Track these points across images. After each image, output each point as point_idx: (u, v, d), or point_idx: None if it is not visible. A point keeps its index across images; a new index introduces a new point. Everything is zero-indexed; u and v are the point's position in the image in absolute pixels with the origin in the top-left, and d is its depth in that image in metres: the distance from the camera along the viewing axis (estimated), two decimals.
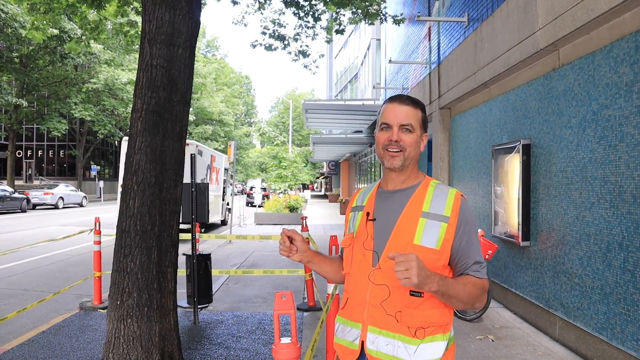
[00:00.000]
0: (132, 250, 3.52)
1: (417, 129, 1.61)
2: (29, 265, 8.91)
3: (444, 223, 1.54)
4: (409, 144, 1.59)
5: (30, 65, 28.40)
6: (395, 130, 1.59)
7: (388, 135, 1.60)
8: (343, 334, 1.67)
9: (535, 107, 5.24)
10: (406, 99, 1.63)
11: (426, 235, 1.54)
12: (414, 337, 1.52)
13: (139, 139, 3.59)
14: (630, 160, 3.68)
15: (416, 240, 1.54)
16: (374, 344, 1.55)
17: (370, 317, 1.56)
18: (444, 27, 8.62)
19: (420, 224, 1.55)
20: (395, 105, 1.62)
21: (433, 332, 1.54)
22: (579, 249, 4.37)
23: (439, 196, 1.59)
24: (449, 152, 8.71)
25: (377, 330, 1.55)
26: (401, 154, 1.59)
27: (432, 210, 1.56)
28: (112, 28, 8.55)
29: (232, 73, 58.42)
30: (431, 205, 1.57)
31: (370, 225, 1.62)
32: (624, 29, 3.80)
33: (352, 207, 1.77)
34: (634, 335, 3.60)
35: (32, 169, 41.24)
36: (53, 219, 19.43)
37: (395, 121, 1.59)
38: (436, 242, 1.53)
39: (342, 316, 1.69)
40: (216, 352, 4.39)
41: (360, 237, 1.64)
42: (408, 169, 1.63)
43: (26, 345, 4.50)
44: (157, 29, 3.64)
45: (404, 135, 1.59)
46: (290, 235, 1.66)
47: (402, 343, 1.52)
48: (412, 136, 1.60)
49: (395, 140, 1.58)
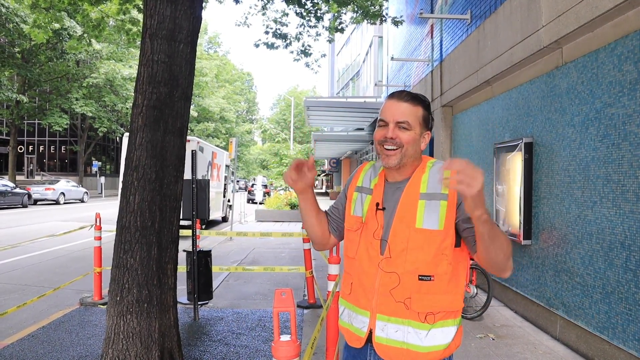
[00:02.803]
0: (132, 246, 3.51)
1: (416, 126, 1.58)
2: (30, 261, 8.92)
3: (444, 201, 1.52)
4: (406, 141, 1.56)
5: (32, 61, 28.40)
6: (391, 127, 1.56)
7: (384, 132, 1.57)
8: (350, 318, 1.66)
9: (538, 105, 5.21)
10: (405, 95, 1.59)
11: (427, 217, 1.52)
12: (424, 322, 1.51)
13: (139, 135, 3.57)
14: (634, 159, 3.66)
15: (417, 223, 1.52)
16: (384, 331, 1.54)
17: (378, 305, 1.55)
18: (446, 24, 8.58)
19: (420, 206, 1.53)
20: (393, 101, 1.59)
21: (444, 317, 1.54)
22: (581, 247, 4.35)
23: (434, 174, 1.57)
24: (450, 150, 8.69)
25: (385, 318, 1.54)
26: (398, 151, 1.56)
27: (430, 190, 1.55)
28: (114, 26, 8.54)
29: (233, 70, 58.45)
30: (428, 185, 1.56)
31: (381, 215, 1.60)
32: (628, 26, 3.77)
33: (357, 186, 1.72)
34: (636, 335, 3.59)
35: (33, 164, 41.27)
36: (54, 214, 19.45)
37: (392, 118, 1.57)
38: (438, 222, 1.51)
39: (348, 301, 1.68)
40: (216, 348, 4.39)
41: (371, 226, 1.61)
42: (406, 167, 1.61)
43: (26, 340, 4.49)
44: (159, 24, 3.62)
45: (400, 132, 1.56)
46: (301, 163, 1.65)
47: (412, 329, 1.51)
48: (410, 134, 1.56)
49: (391, 137, 1.55)
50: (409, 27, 11.86)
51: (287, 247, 11.19)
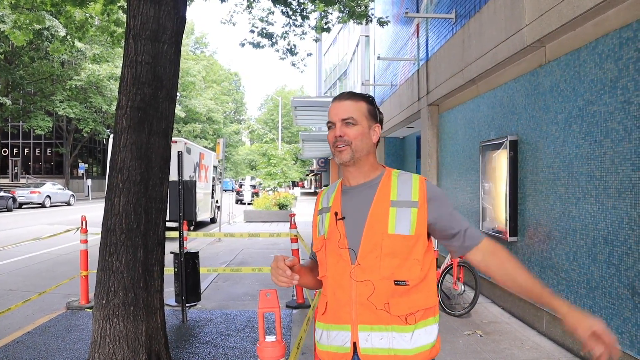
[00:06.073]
0: (117, 248, 3.48)
1: (362, 120, 1.62)
2: (15, 265, 8.79)
3: (414, 208, 1.56)
4: (354, 136, 1.60)
5: (15, 62, 27.97)
6: (338, 125, 1.61)
7: (334, 132, 1.62)
8: (328, 340, 1.62)
9: (522, 103, 5.26)
10: (346, 95, 1.65)
11: (399, 223, 1.55)
12: (406, 324, 1.53)
13: (123, 136, 3.54)
14: (615, 156, 3.71)
15: (390, 229, 1.54)
16: (368, 341, 1.53)
17: (358, 315, 1.54)
18: (432, 23, 8.63)
19: (392, 213, 1.56)
20: (335, 103, 1.65)
21: (423, 316, 1.56)
22: (565, 244, 4.41)
23: (404, 183, 1.61)
24: (437, 148, 8.74)
25: (368, 328, 1.53)
26: (348, 147, 1.60)
27: (400, 197, 1.58)
28: (98, 27, 8.43)
29: (221, 70, 58.14)
30: (398, 193, 1.59)
31: (341, 224, 1.61)
32: (608, 25, 3.83)
33: (318, 210, 1.75)
34: (619, 329, 3.64)
35: (18, 167, 40.65)
36: (40, 217, 19.20)
37: (337, 117, 1.62)
38: (409, 227, 1.55)
39: (324, 322, 1.65)
40: (204, 350, 4.37)
41: (333, 237, 1.62)
42: (362, 161, 1.63)
43: (11, 346, 4.43)
44: (142, 24, 3.59)
45: (347, 129, 1.60)
46: (290, 264, 1.58)
47: (396, 333, 1.52)
48: (357, 128, 1.61)
49: (340, 135, 1.60)
50: (395, 26, 11.90)
51: (275, 247, 11.18)
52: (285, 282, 1.56)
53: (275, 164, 23.10)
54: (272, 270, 1.59)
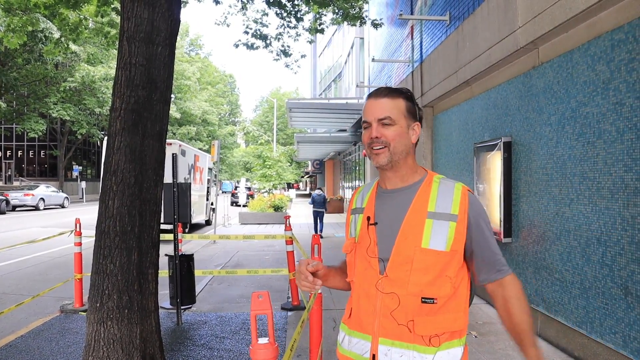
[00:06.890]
0: (111, 251, 3.46)
1: (400, 119, 1.50)
2: (8, 268, 8.74)
3: (453, 222, 1.44)
4: (392, 137, 1.48)
5: (8, 64, 27.82)
6: (374, 126, 1.49)
7: (369, 133, 1.50)
8: (350, 345, 1.56)
9: (516, 104, 5.29)
10: (383, 91, 1.53)
11: (434, 238, 1.44)
12: (429, 346, 1.43)
13: (117, 139, 3.53)
14: (608, 157, 3.74)
15: (424, 243, 1.44)
16: (387, 356, 1.45)
17: (381, 328, 1.46)
18: (426, 25, 8.66)
19: (427, 225, 1.45)
20: (371, 100, 1.53)
21: (449, 338, 1.46)
22: (559, 244, 4.43)
23: (444, 193, 1.49)
24: (431, 150, 8.76)
25: (389, 342, 1.45)
26: (385, 149, 1.48)
27: (439, 209, 1.46)
28: (93, 28, 8.41)
29: (215, 72, 58.10)
30: (437, 204, 1.47)
31: (373, 230, 1.52)
32: (600, 27, 3.86)
33: (352, 209, 1.65)
34: (612, 329, 3.66)
35: (11, 169, 40.42)
36: (33, 220, 19.09)
37: (373, 117, 1.50)
38: (445, 243, 1.44)
39: (348, 326, 1.59)
40: (199, 353, 4.36)
41: (363, 243, 1.53)
42: (400, 164, 1.52)
43: (4, 350, 4.40)
44: (136, 26, 3.58)
45: (384, 129, 1.48)
46: (313, 269, 1.54)
47: (417, 353, 1.43)
48: (394, 129, 1.49)
49: (376, 137, 1.48)
50: (390, 28, 11.93)
51: (271, 249, 11.16)
52: (308, 287, 1.52)
53: (270, 166, 23.08)
54: (296, 274, 1.57)
